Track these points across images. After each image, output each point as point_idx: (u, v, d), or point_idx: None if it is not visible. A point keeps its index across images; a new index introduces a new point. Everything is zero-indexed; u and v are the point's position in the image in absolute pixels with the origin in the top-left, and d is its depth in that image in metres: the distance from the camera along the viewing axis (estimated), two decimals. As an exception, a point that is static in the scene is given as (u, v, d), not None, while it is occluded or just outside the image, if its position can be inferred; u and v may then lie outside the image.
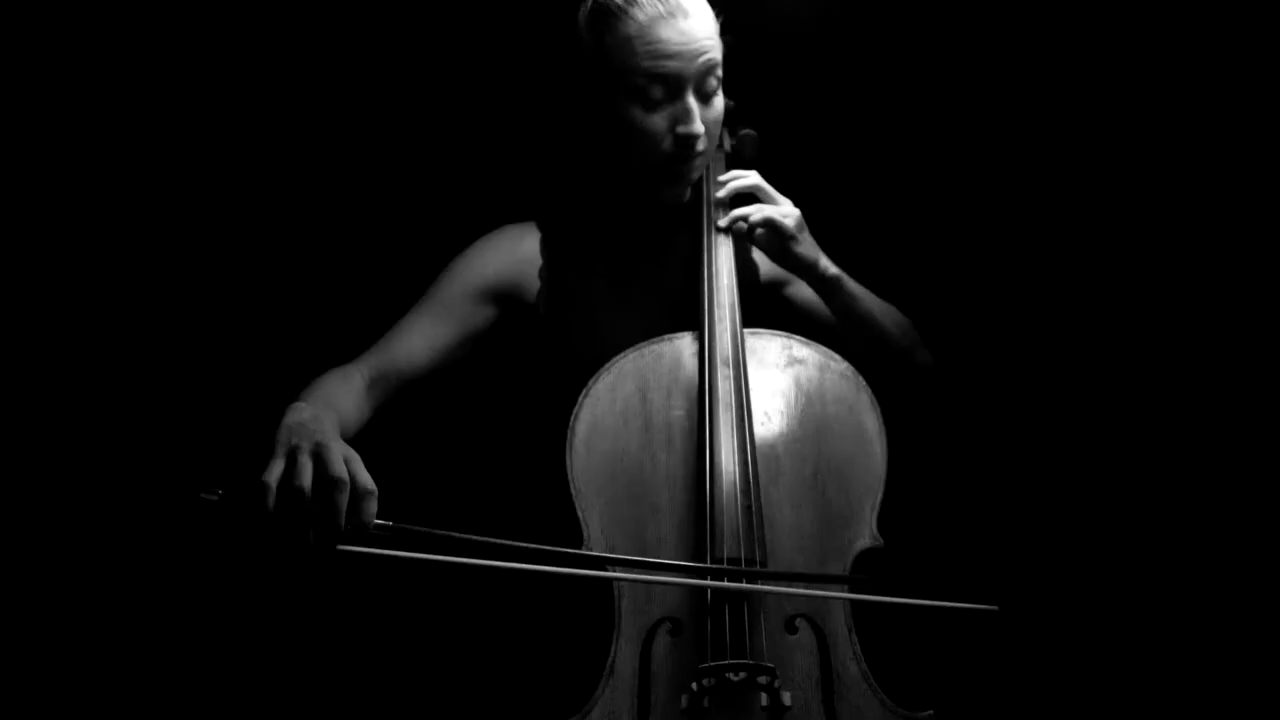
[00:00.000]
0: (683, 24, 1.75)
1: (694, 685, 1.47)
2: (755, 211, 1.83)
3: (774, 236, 1.83)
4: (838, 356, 1.76)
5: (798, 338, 1.78)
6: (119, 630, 2.09)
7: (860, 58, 2.30)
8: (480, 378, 1.90)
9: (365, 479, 1.41)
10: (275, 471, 1.38)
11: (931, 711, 1.54)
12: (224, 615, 2.12)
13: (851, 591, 1.60)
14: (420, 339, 1.80)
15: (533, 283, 1.87)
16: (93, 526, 2.06)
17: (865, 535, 1.64)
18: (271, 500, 1.37)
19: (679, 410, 1.69)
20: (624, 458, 1.65)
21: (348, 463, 1.41)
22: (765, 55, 2.14)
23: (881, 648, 1.59)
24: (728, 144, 2.02)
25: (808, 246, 1.84)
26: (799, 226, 1.84)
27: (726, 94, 1.98)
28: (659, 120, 1.78)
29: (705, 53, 1.76)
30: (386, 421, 1.81)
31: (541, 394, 1.80)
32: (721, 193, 1.87)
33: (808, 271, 1.85)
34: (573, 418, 1.67)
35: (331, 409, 1.59)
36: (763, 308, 1.91)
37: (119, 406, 2.13)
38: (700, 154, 1.81)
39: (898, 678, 1.58)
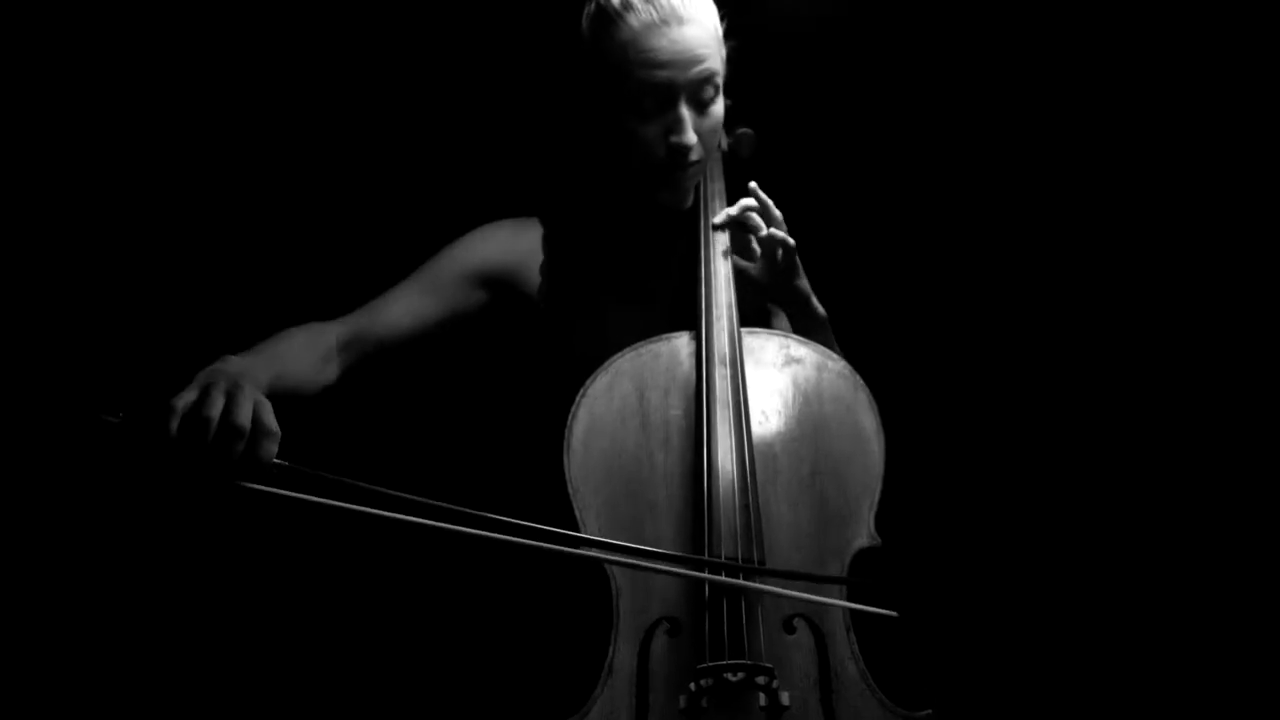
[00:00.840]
0: (676, 32, 1.73)
1: (692, 685, 1.47)
2: (777, 230, 1.79)
3: (787, 259, 1.79)
4: (835, 355, 1.76)
5: (795, 337, 1.78)
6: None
7: (858, 57, 2.30)
8: (479, 376, 1.90)
9: (270, 422, 1.41)
10: (184, 399, 1.39)
11: (930, 711, 1.54)
12: (220, 609, 2.12)
13: (849, 590, 1.59)
14: (404, 308, 1.80)
15: (531, 276, 1.87)
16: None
17: (863, 534, 1.63)
18: (174, 424, 1.36)
19: (676, 410, 1.68)
20: (621, 457, 1.65)
21: (257, 406, 1.41)
22: (763, 55, 2.13)
23: (880, 647, 1.59)
24: (725, 143, 2.01)
25: (804, 280, 1.83)
26: (795, 259, 1.80)
27: (725, 93, 1.98)
28: (653, 129, 1.77)
29: (700, 62, 1.74)
30: (386, 422, 1.81)
31: (539, 393, 1.79)
32: (735, 210, 1.82)
33: (801, 305, 1.83)
34: (570, 417, 1.67)
35: (273, 363, 1.60)
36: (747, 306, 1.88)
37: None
38: (695, 163, 1.80)
39: (896, 677, 1.57)
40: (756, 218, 1.80)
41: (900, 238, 2.28)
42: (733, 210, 1.82)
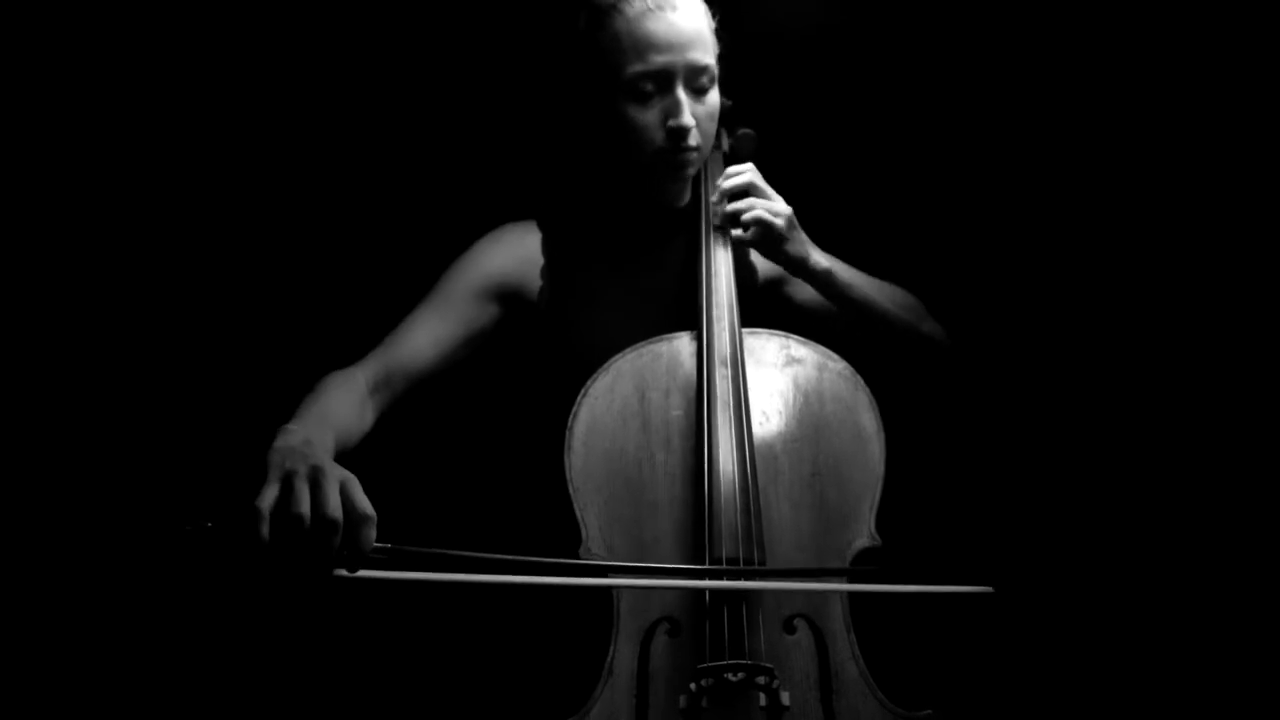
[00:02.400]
0: (671, 17, 1.76)
1: (692, 685, 1.47)
2: (747, 210, 1.83)
3: (765, 234, 1.83)
4: (836, 356, 1.76)
5: (795, 337, 1.78)
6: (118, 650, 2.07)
7: (858, 56, 2.30)
8: (480, 377, 1.90)
9: (363, 505, 1.36)
10: (269, 498, 1.33)
11: (930, 711, 1.54)
12: (217, 618, 2.12)
13: (850, 582, 1.59)
14: (425, 338, 1.78)
15: (534, 281, 1.87)
16: (88, 555, 2.03)
17: (864, 534, 1.64)
18: (265, 529, 1.31)
19: (677, 410, 1.69)
20: (622, 457, 1.65)
21: (344, 487, 1.36)
22: (763, 54, 2.14)
23: (880, 647, 1.59)
24: (726, 143, 2.02)
25: (797, 244, 1.85)
26: (789, 225, 1.84)
27: (724, 93, 1.99)
28: (651, 115, 1.78)
29: (695, 47, 1.77)
30: (385, 421, 1.81)
31: (540, 393, 1.79)
32: (715, 195, 1.88)
33: (799, 268, 1.86)
34: (571, 417, 1.67)
35: (328, 425, 1.54)
36: (763, 307, 1.91)
37: (118, 415, 2.12)
38: (693, 148, 1.80)
39: (896, 677, 1.58)
40: (736, 227, 1.85)
41: (900, 237, 2.28)
42: (716, 221, 1.87)
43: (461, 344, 1.81)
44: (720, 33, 1.84)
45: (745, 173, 1.87)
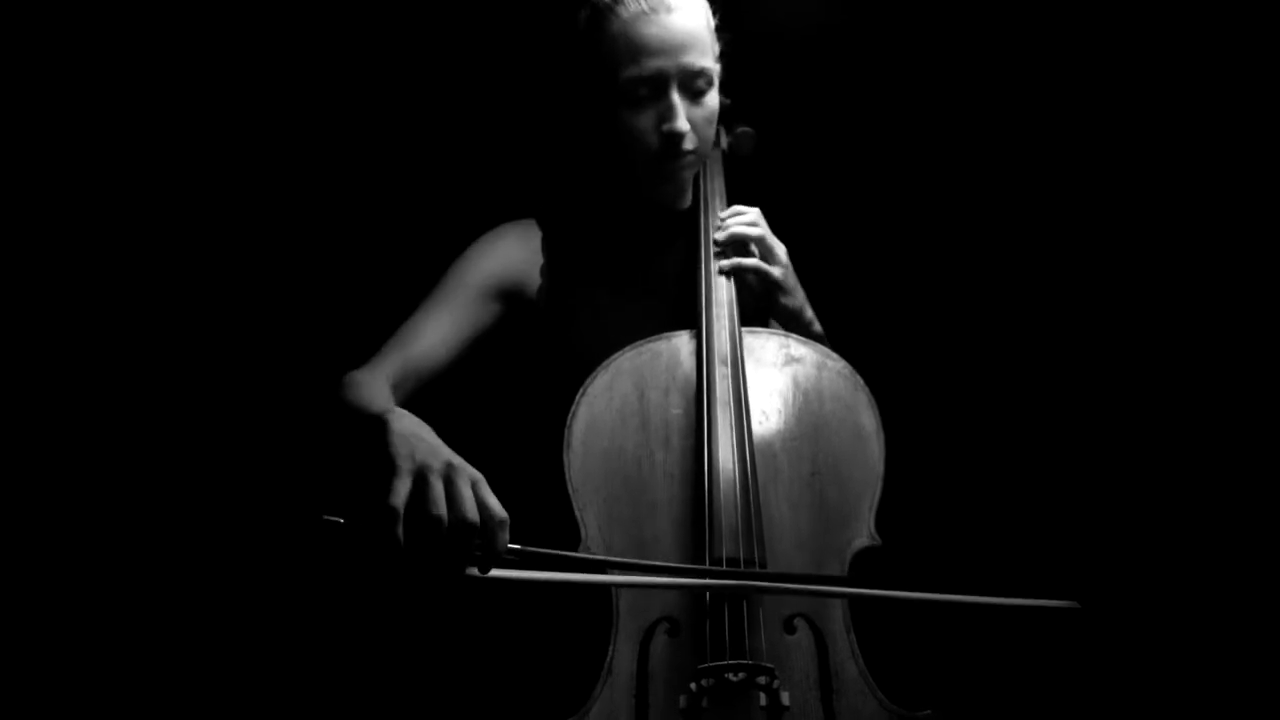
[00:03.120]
0: (665, 20, 1.75)
1: (692, 685, 1.46)
2: (749, 262, 1.82)
3: (763, 286, 1.83)
4: (835, 355, 1.76)
5: (795, 336, 1.78)
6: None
7: (857, 55, 2.30)
8: (480, 376, 1.89)
9: (497, 507, 1.35)
10: (402, 493, 1.31)
11: (930, 711, 1.54)
12: (228, 605, 2.12)
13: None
14: (436, 338, 1.77)
15: (536, 280, 1.87)
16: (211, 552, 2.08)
17: (864, 534, 1.63)
18: (400, 528, 1.30)
19: (677, 409, 1.68)
20: (621, 456, 1.64)
21: (475, 489, 1.35)
22: (763, 53, 2.13)
23: (880, 647, 1.58)
24: (724, 142, 2.01)
25: (793, 297, 1.84)
26: (785, 275, 1.83)
27: (723, 92, 1.98)
28: (646, 119, 1.78)
29: (690, 50, 1.76)
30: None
31: (539, 392, 1.79)
32: (721, 235, 1.84)
33: (792, 321, 1.84)
34: (570, 416, 1.66)
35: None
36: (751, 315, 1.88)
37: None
38: (689, 152, 1.80)
39: (896, 677, 1.57)
40: (745, 261, 1.82)
41: (900, 236, 2.28)
42: (723, 264, 1.82)
43: (469, 343, 1.80)
44: (721, 31, 1.83)
45: (753, 225, 1.84)
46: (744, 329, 1.76)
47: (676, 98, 1.76)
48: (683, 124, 1.76)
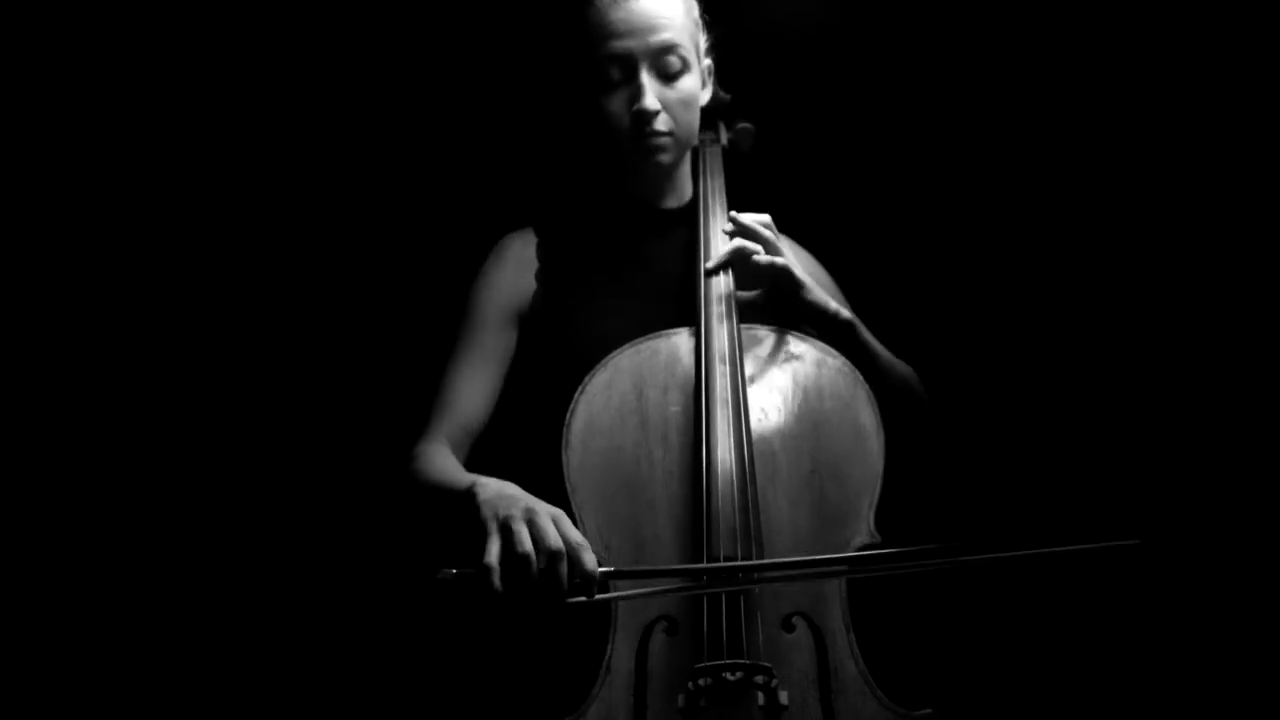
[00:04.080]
0: (631, 4, 1.78)
1: (691, 685, 1.46)
2: (769, 257, 1.77)
3: (785, 283, 1.77)
4: (834, 352, 1.75)
5: (794, 333, 1.77)
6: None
7: (857, 53, 2.29)
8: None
9: (576, 536, 1.46)
10: (494, 550, 1.42)
11: (930, 710, 1.53)
12: (219, 614, 2.12)
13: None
14: (474, 393, 1.81)
15: (539, 292, 1.87)
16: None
17: (863, 532, 1.62)
18: (498, 580, 1.41)
19: (675, 407, 1.67)
20: (620, 454, 1.64)
21: (557, 524, 1.46)
22: (763, 49, 2.13)
23: (879, 646, 1.58)
24: (725, 138, 2.01)
25: (816, 293, 1.78)
26: (800, 270, 1.78)
27: (724, 87, 1.98)
28: (617, 102, 1.80)
29: (658, 31, 1.78)
30: (385, 420, 1.80)
31: (538, 391, 1.78)
32: (729, 227, 1.81)
33: (818, 319, 1.78)
34: (569, 415, 1.66)
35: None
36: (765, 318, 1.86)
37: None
38: (660, 133, 1.80)
39: (896, 676, 1.57)
40: (749, 245, 1.78)
41: (901, 233, 2.27)
42: (724, 254, 1.79)
43: (501, 381, 1.84)
44: (707, 19, 1.85)
45: (769, 226, 1.81)
46: (743, 326, 1.75)
47: (646, 78, 1.78)
48: (651, 102, 1.77)
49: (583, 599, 1.44)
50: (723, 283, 1.79)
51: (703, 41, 1.86)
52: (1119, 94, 2.20)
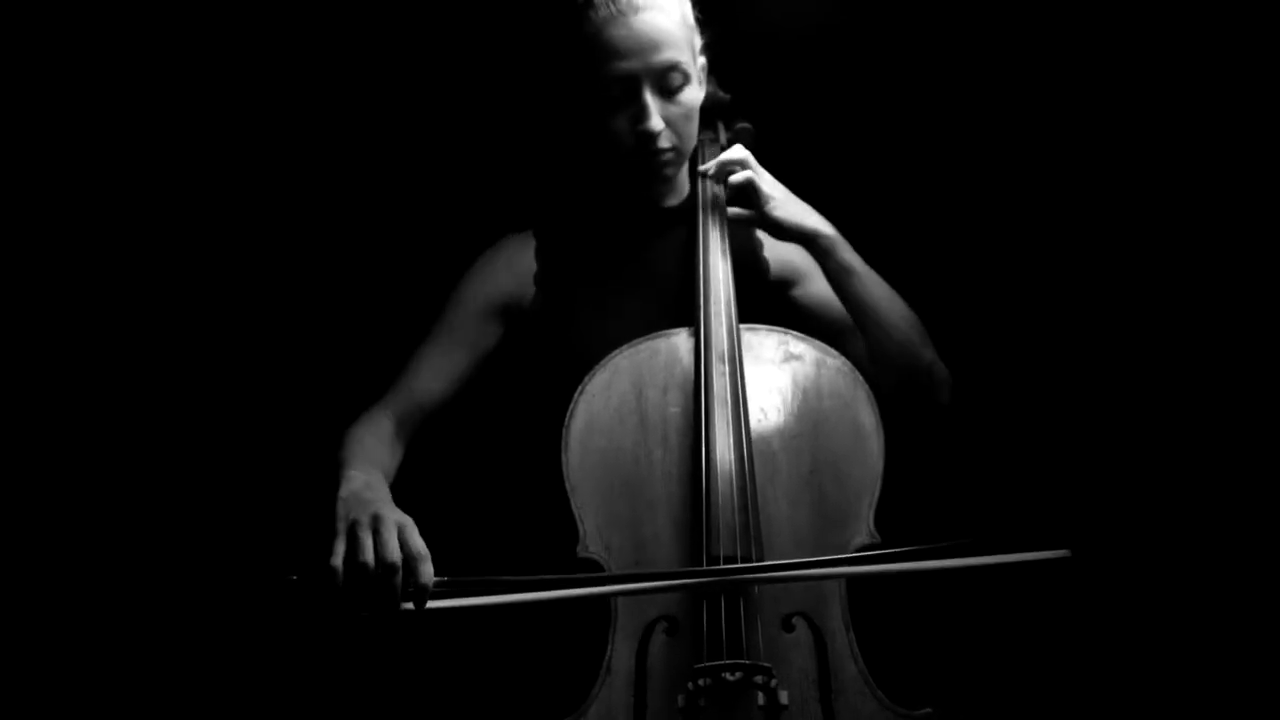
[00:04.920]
0: (633, 22, 1.74)
1: (690, 685, 1.46)
2: (740, 172, 1.83)
3: (753, 197, 1.81)
4: (834, 352, 1.75)
5: (794, 333, 1.77)
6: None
7: (857, 52, 2.29)
8: (479, 376, 1.89)
9: (418, 545, 1.46)
10: (339, 554, 1.45)
11: (930, 710, 1.53)
12: (213, 623, 2.12)
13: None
14: (435, 373, 1.82)
15: (534, 292, 1.87)
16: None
17: (863, 532, 1.62)
18: (339, 580, 1.44)
19: (675, 407, 1.67)
20: (619, 455, 1.64)
21: (401, 531, 1.47)
22: (761, 49, 2.13)
23: (879, 646, 1.58)
24: (723, 137, 2.01)
25: (791, 208, 1.82)
26: (773, 187, 1.82)
27: (722, 88, 1.98)
28: (621, 121, 1.78)
29: (661, 49, 1.75)
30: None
31: (537, 392, 1.78)
32: (711, 165, 1.87)
33: (797, 234, 1.82)
34: (568, 415, 1.66)
35: (377, 466, 1.66)
36: (768, 307, 1.87)
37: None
38: (666, 150, 1.80)
39: (896, 676, 1.57)
40: (731, 164, 1.84)
41: (900, 232, 2.27)
42: (710, 167, 1.86)
43: (469, 370, 1.84)
44: (702, 20, 1.84)
45: (736, 150, 1.86)
46: (742, 326, 1.75)
47: (649, 98, 1.76)
48: (655, 124, 1.76)
49: (411, 607, 1.45)
50: (722, 283, 1.79)
51: (697, 42, 1.85)
52: (1119, 94, 2.20)
